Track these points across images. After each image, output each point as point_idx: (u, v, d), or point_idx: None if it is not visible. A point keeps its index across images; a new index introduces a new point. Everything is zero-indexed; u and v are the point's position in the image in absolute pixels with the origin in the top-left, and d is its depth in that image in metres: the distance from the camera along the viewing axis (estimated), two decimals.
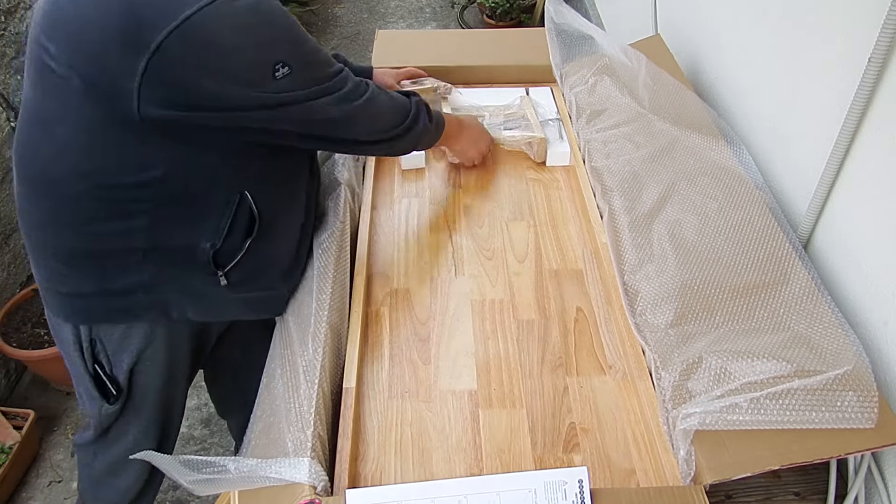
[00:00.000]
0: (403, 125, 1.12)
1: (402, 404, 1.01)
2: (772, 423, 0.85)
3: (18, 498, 1.78)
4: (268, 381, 1.01)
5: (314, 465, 0.84)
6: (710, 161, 1.26)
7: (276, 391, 0.97)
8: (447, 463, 0.93)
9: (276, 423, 0.92)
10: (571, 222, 1.31)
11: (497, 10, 3.39)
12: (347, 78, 1.01)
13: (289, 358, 1.00)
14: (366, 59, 3.44)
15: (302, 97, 0.93)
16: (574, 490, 0.82)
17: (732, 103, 1.48)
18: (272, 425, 0.92)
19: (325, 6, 3.90)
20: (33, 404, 1.96)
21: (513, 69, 1.67)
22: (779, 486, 0.98)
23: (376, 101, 1.06)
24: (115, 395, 1.14)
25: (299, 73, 0.91)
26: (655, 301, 1.03)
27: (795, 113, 1.23)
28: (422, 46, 1.74)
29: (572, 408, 1.00)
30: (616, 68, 1.50)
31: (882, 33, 0.92)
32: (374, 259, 1.24)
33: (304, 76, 0.93)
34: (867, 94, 0.98)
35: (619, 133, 1.36)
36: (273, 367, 1.03)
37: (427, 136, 1.20)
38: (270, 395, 0.98)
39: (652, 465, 0.93)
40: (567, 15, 1.64)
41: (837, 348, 0.92)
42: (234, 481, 0.86)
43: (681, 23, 1.80)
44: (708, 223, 1.13)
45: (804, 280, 1.03)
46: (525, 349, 1.08)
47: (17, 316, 1.97)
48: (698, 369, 0.92)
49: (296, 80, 0.91)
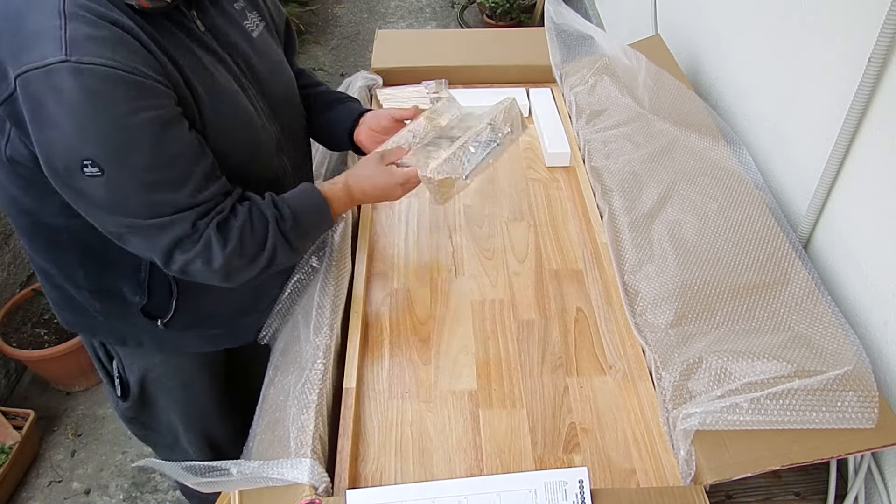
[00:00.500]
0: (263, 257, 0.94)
1: (403, 404, 1.01)
2: (772, 423, 0.85)
3: (18, 498, 1.78)
4: (272, 376, 1.01)
5: (315, 466, 0.84)
6: (710, 161, 1.26)
7: (279, 387, 0.97)
8: (447, 463, 0.93)
9: (280, 419, 0.92)
10: (571, 222, 1.31)
11: (497, 10, 3.39)
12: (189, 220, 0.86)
13: (291, 356, 1.00)
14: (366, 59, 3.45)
15: (107, 208, 0.83)
16: (574, 490, 0.82)
17: (732, 103, 1.48)
18: (277, 421, 0.92)
19: (325, 6, 3.90)
20: (33, 404, 1.96)
21: (513, 69, 1.67)
22: (779, 487, 0.98)
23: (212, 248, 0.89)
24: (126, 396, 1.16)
25: (111, 189, 0.80)
26: (655, 301, 1.03)
27: (795, 113, 1.23)
28: (422, 46, 1.74)
29: (572, 408, 1.00)
30: (616, 68, 1.50)
31: (882, 33, 0.92)
32: (374, 259, 1.24)
33: (118, 194, 0.81)
34: (867, 94, 0.98)
35: (618, 133, 1.36)
36: (276, 363, 1.03)
37: (302, 240, 1.01)
38: (275, 390, 0.98)
39: (652, 465, 0.93)
40: (567, 15, 1.64)
41: (837, 348, 0.92)
42: (238, 482, 0.86)
43: (681, 23, 1.80)
44: (708, 223, 1.13)
45: (804, 280, 1.03)
46: (525, 349, 1.08)
47: (17, 316, 1.97)
48: (698, 369, 0.92)
49: (107, 189, 0.80)
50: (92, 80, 0.75)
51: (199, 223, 0.87)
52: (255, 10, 1.04)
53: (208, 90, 0.89)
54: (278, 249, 0.94)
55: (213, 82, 0.90)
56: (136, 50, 0.79)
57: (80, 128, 0.76)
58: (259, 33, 1.02)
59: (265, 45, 1.03)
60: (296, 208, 0.97)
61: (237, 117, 0.95)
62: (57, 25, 0.75)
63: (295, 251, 0.99)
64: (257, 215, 0.93)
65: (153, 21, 0.84)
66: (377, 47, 1.70)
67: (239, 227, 0.90)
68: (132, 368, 1.15)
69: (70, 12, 0.76)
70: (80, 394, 2.02)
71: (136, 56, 0.79)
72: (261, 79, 1.00)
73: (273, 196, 0.97)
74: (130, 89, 0.77)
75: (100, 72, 0.75)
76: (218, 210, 0.89)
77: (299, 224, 0.96)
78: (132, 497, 1.79)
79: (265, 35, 1.04)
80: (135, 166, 0.80)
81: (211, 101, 0.89)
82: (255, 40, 1.01)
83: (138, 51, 0.79)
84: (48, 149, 0.78)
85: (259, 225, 0.92)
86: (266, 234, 0.93)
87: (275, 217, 0.94)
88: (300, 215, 0.97)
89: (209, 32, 0.92)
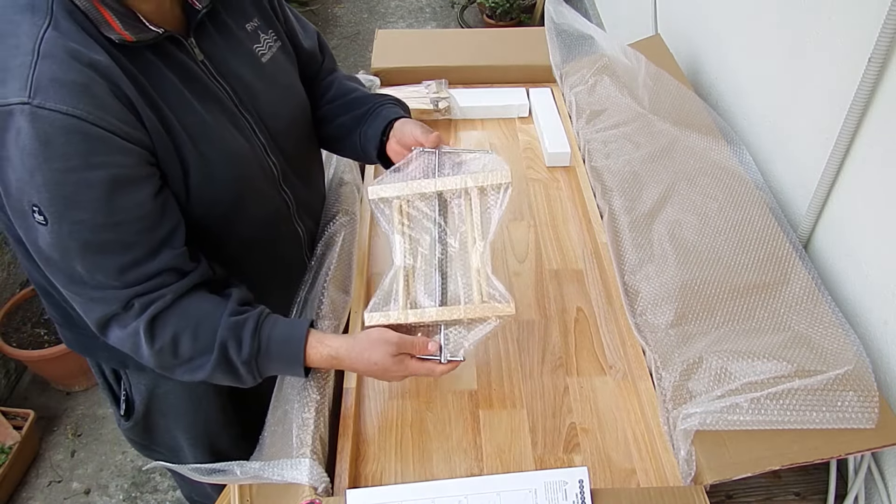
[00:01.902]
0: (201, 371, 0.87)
1: (403, 404, 1.01)
2: (772, 423, 0.85)
3: (18, 498, 1.78)
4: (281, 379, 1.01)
5: (315, 466, 0.84)
6: (710, 161, 1.26)
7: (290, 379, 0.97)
8: (447, 463, 0.93)
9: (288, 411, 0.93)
10: (571, 222, 1.31)
11: (497, 10, 3.39)
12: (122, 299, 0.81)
13: None
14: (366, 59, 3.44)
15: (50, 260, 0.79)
16: (574, 490, 0.82)
17: (732, 103, 1.48)
18: (286, 413, 0.93)
19: (325, 6, 3.90)
20: (33, 404, 1.96)
21: (513, 69, 1.67)
22: (779, 486, 0.98)
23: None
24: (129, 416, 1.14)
25: (54, 241, 0.77)
26: (656, 301, 1.03)
27: (795, 113, 1.23)
28: (422, 46, 1.74)
29: (572, 408, 1.00)
30: (616, 68, 1.50)
31: (882, 33, 0.92)
32: (375, 259, 1.24)
33: (59, 248, 0.77)
34: (867, 94, 0.98)
35: (619, 133, 1.36)
36: None
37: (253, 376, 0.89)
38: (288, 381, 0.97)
39: (652, 465, 0.93)
40: (567, 15, 1.64)
41: (837, 348, 0.92)
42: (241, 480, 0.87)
43: (681, 23, 1.80)
44: (708, 223, 1.13)
45: (804, 280, 1.03)
46: (525, 349, 1.08)
47: (17, 316, 1.97)
48: (699, 369, 0.92)
49: (51, 239, 0.77)
50: (49, 128, 0.71)
51: (135, 303, 0.81)
52: (270, 28, 0.99)
53: (194, 132, 0.84)
54: (217, 372, 0.85)
55: (201, 122, 0.85)
56: (106, 98, 0.75)
57: (29, 173, 0.73)
58: (271, 57, 0.98)
59: (276, 70, 0.98)
60: (265, 347, 0.86)
61: (228, 157, 0.89)
62: (28, 63, 0.71)
63: (239, 380, 0.88)
64: (207, 326, 0.83)
65: (137, 56, 0.80)
66: (377, 47, 1.70)
67: (175, 328, 0.83)
68: (139, 388, 1.11)
69: (44, 50, 0.72)
70: (80, 394, 2.02)
71: (105, 105, 0.75)
72: (264, 109, 0.95)
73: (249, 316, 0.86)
74: (89, 142, 0.73)
75: (59, 120, 0.71)
76: (157, 296, 0.82)
77: (258, 363, 0.87)
78: (132, 497, 1.79)
79: (278, 57, 0.99)
80: (77, 222, 0.75)
81: (197, 144, 0.85)
82: (264, 66, 0.96)
83: (108, 99, 0.75)
84: (6, 186, 0.75)
85: (204, 337, 0.83)
86: (209, 351, 0.84)
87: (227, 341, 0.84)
88: (263, 356, 0.86)
89: (208, 61, 0.88)
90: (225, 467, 0.85)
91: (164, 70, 0.83)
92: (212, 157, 0.87)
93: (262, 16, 0.98)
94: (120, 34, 0.77)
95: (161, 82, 0.82)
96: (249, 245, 0.98)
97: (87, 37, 0.76)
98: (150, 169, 0.80)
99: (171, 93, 0.83)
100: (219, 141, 0.88)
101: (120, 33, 0.77)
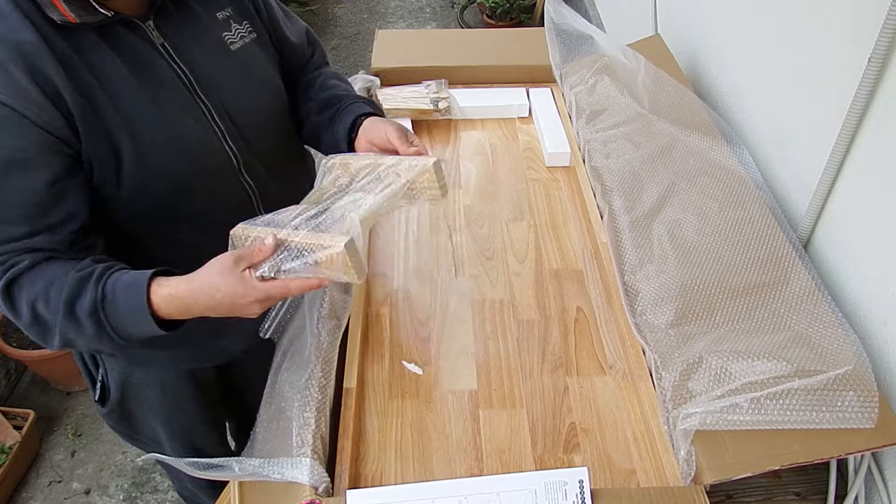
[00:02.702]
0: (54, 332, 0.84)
1: (403, 404, 1.01)
2: (772, 423, 0.85)
3: (18, 498, 1.78)
4: (279, 362, 1.00)
5: (315, 466, 0.84)
6: (710, 161, 1.26)
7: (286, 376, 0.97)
8: (447, 463, 0.93)
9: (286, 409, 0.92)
10: (571, 222, 1.31)
11: (497, 10, 3.39)
12: None
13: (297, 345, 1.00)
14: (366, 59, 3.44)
15: None
16: (574, 490, 0.82)
17: (732, 103, 1.48)
18: (283, 411, 0.93)
19: (325, 6, 3.90)
20: (33, 404, 1.96)
21: (513, 69, 1.67)
22: (779, 486, 0.98)
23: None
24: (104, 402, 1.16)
25: None
26: (656, 301, 1.03)
27: (795, 113, 1.23)
28: (422, 46, 1.73)
29: (572, 408, 1.00)
30: (616, 68, 1.51)
31: (882, 33, 0.92)
32: (374, 259, 1.24)
33: None
34: (867, 95, 0.98)
35: (618, 133, 1.37)
36: (284, 348, 1.02)
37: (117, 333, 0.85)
38: (283, 378, 0.97)
39: (652, 465, 0.93)
40: (567, 15, 1.64)
41: (837, 348, 0.92)
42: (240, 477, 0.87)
43: (681, 23, 1.80)
44: (708, 223, 1.13)
45: (804, 280, 1.03)
46: (525, 349, 1.08)
47: None
48: (699, 369, 0.92)
49: None
50: None
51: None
52: (246, 20, 0.99)
53: (132, 115, 0.84)
54: (68, 332, 0.82)
55: (143, 106, 0.85)
56: (22, 80, 0.75)
57: None
58: (242, 46, 0.97)
59: (247, 60, 0.98)
60: (111, 296, 0.82)
61: (171, 141, 0.88)
62: None
63: (88, 340, 0.83)
64: (57, 286, 0.81)
65: (79, 38, 0.79)
66: (377, 47, 1.70)
67: (29, 295, 0.81)
68: (113, 375, 1.13)
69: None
70: (80, 394, 2.02)
71: (19, 87, 0.75)
72: (227, 96, 0.94)
73: (95, 268, 0.83)
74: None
75: None
76: (15, 261, 0.81)
77: (106, 314, 0.82)
78: (132, 497, 1.79)
79: (252, 48, 0.99)
80: None
81: (132, 128, 0.84)
82: (232, 54, 0.96)
83: (23, 82, 0.75)
84: None
85: (56, 298, 0.80)
86: (57, 311, 0.81)
87: (71, 294, 0.81)
88: (109, 306, 0.82)
89: (168, 45, 0.87)
90: (223, 462, 0.84)
91: (108, 52, 0.82)
92: (150, 141, 0.86)
93: (236, 6, 0.98)
94: (63, 15, 0.77)
95: (102, 65, 0.82)
96: (208, 231, 0.93)
97: (23, 16, 0.76)
98: (54, 157, 0.80)
99: (111, 76, 0.82)
100: (163, 126, 0.87)
101: (63, 14, 0.77)
